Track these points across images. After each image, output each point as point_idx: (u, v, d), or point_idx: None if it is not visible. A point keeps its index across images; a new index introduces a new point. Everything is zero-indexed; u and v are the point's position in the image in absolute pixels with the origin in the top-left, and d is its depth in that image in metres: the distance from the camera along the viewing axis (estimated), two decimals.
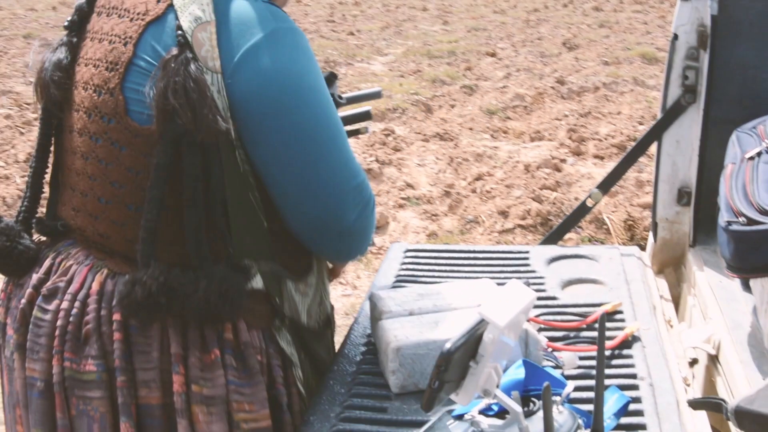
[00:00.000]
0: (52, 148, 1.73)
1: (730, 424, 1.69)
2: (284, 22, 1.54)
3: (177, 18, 1.50)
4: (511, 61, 10.90)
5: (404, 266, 2.32)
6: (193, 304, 1.48)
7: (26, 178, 1.76)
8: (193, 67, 1.45)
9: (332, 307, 1.88)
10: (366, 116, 2.09)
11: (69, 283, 1.60)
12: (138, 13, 1.56)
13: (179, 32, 1.48)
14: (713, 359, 2.20)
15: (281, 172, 1.56)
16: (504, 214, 5.60)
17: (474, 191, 6.07)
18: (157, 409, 1.57)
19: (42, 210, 1.78)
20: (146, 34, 1.54)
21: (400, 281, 2.22)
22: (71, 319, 1.57)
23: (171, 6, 1.52)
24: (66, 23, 1.69)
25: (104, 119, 1.57)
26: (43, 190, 1.75)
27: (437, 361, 1.23)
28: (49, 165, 1.74)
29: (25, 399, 1.65)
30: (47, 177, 1.75)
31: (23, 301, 1.64)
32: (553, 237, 3.02)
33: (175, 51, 1.47)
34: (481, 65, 10.68)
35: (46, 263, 1.66)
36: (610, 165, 6.34)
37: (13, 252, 1.67)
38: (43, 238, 1.75)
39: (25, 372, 1.64)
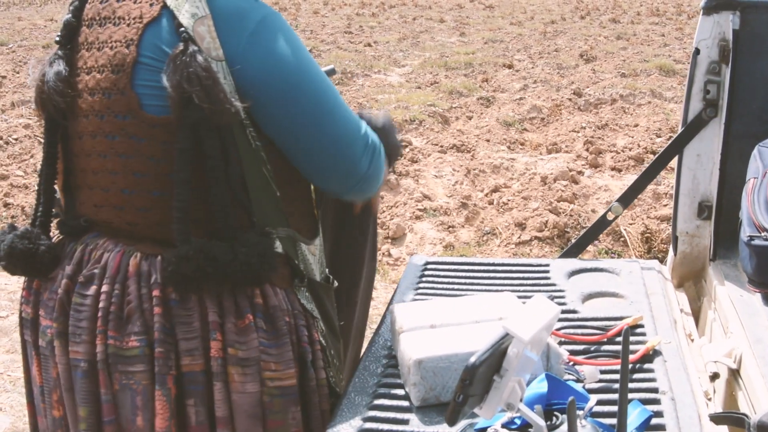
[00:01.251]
0: (59, 156, 1.84)
1: None
2: (267, 8, 1.71)
3: (173, 17, 1.64)
4: (528, 72, 10.90)
5: (424, 279, 2.33)
6: (236, 270, 1.64)
7: (37, 186, 1.89)
8: (200, 58, 1.59)
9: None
10: (331, 72, 2.17)
11: (104, 269, 1.73)
12: (134, 18, 1.69)
13: (182, 29, 1.62)
14: (734, 373, 2.19)
15: (303, 138, 1.73)
16: (521, 226, 5.59)
17: (491, 203, 6.07)
18: (201, 375, 1.70)
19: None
20: (146, 34, 1.67)
21: (420, 294, 2.22)
22: (113, 300, 1.70)
23: (165, 7, 1.66)
24: (57, 38, 1.81)
25: (119, 117, 1.69)
26: (56, 195, 1.88)
27: (462, 374, 1.23)
28: (58, 171, 1.85)
29: (68, 383, 1.76)
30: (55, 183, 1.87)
31: (60, 291, 1.76)
32: (573, 250, 3.01)
33: (181, 47, 1.61)
34: (498, 77, 10.69)
35: (77, 255, 1.78)
36: (627, 177, 6.34)
37: (36, 253, 1.80)
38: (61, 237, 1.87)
39: (65, 357, 1.75)
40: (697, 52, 2.71)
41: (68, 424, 1.79)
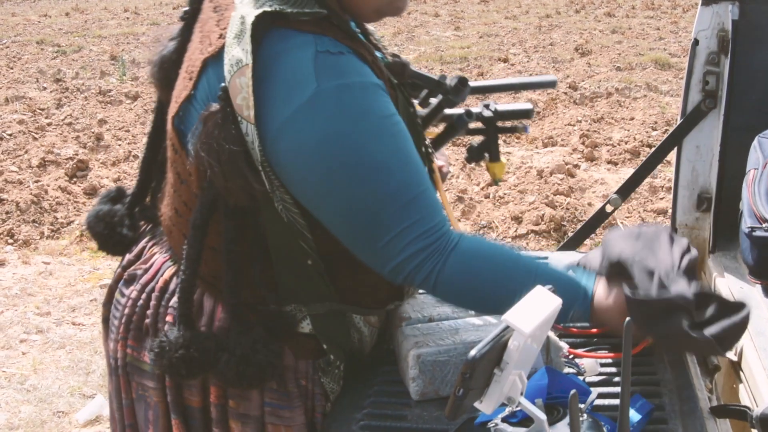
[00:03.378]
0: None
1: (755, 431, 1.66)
2: (328, 81, 1.37)
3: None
4: (524, 66, 10.88)
5: None
6: (214, 373, 1.51)
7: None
8: (226, 131, 1.37)
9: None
10: (526, 114, 1.99)
11: (146, 271, 1.65)
12: (206, 45, 1.49)
13: (222, 84, 1.39)
14: (735, 366, 2.17)
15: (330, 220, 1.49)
16: (517, 219, 5.58)
17: (487, 197, 6.06)
18: (198, 411, 1.61)
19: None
20: (204, 73, 1.47)
21: None
22: (137, 309, 1.64)
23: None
24: (182, 14, 1.62)
25: (172, 147, 1.56)
26: (152, 179, 1.79)
27: (462, 368, 1.21)
28: (159, 155, 1.74)
29: (108, 368, 1.74)
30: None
31: (114, 278, 1.72)
32: (572, 243, 3.00)
33: (214, 107, 1.39)
34: (493, 71, 10.66)
35: (140, 245, 1.72)
36: (623, 170, 6.33)
37: (109, 240, 1.76)
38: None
39: (106, 345, 1.75)
40: (695, 42, 2.69)
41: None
